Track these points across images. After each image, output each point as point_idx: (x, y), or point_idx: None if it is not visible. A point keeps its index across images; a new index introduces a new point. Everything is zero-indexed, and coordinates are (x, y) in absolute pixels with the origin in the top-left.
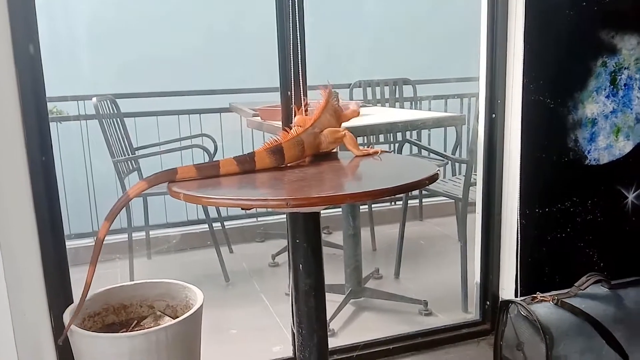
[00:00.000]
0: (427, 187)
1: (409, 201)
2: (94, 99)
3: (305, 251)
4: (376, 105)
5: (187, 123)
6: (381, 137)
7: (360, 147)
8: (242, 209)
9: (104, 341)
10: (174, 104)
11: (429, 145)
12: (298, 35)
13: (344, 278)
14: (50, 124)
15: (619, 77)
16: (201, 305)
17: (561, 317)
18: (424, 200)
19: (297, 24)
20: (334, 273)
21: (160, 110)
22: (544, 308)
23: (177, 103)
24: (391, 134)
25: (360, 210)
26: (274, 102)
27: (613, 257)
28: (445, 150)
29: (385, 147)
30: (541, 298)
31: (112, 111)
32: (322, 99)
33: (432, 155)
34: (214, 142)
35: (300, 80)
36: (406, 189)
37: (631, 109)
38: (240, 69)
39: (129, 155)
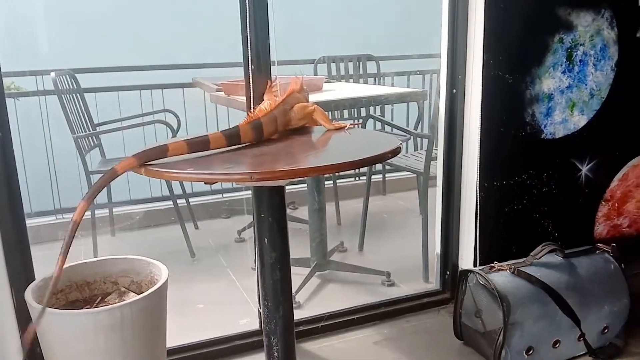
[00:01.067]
0: (390, 161)
1: (373, 176)
2: (53, 74)
3: (271, 225)
4: (340, 81)
5: (149, 98)
6: (345, 113)
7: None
8: (205, 183)
9: (67, 318)
10: (135, 79)
11: (392, 120)
12: (261, 9)
13: (310, 252)
14: (8, 100)
15: (575, 53)
16: (166, 281)
17: (517, 285)
18: (387, 175)
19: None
20: (299, 247)
21: (121, 85)
22: (501, 277)
23: (139, 78)
24: (355, 110)
25: (325, 186)
26: (238, 76)
27: (567, 227)
28: (407, 126)
29: (351, 122)
30: (498, 267)
31: (71, 86)
32: (291, 82)
33: (395, 130)
34: (177, 117)
35: (260, 54)
36: (369, 162)
37: (586, 85)
38: (203, 43)
39: (89, 131)
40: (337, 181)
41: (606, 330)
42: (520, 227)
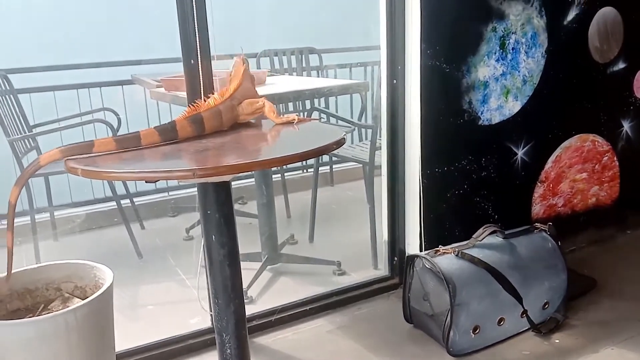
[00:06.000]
0: (336, 153)
1: (321, 168)
2: None
3: (218, 222)
4: (284, 74)
5: (88, 97)
6: (290, 106)
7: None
8: (146, 182)
9: (7, 328)
10: (72, 77)
11: (337, 112)
12: (198, 2)
13: (260, 246)
14: None
15: (508, 42)
16: (111, 284)
17: (462, 267)
18: (334, 166)
19: None
20: (250, 242)
21: (57, 85)
22: (446, 260)
23: (76, 77)
24: (300, 102)
25: (274, 179)
26: (179, 72)
27: (506, 209)
28: (352, 117)
29: (296, 115)
30: (443, 251)
31: (4, 87)
32: (235, 66)
33: (340, 122)
34: (117, 116)
35: (199, 48)
36: (313, 154)
37: (519, 71)
38: (141, 38)
39: (25, 133)
40: (285, 174)
41: (547, 306)
42: (463, 211)
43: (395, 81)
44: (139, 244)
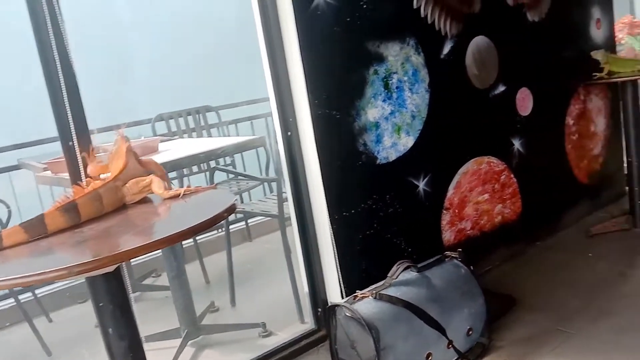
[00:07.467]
0: (244, 209)
1: (237, 224)
2: None
3: (113, 313)
4: (182, 137)
5: None
6: (194, 168)
7: (174, 188)
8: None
9: None
10: None
11: (244, 166)
12: (67, 80)
13: (178, 321)
14: None
15: (391, 82)
16: None
17: (382, 309)
18: (250, 220)
19: (65, 68)
20: (168, 317)
21: None
22: (366, 304)
23: None
24: (205, 163)
25: (185, 245)
26: None
27: (418, 241)
28: (260, 170)
29: (200, 176)
30: (362, 295)
31: None
32: (117, 144)
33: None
34: (7, 206)
35: (74, 128)
36: (203, 227)
37: (406, 108)
38: (25, 122)
39: None
40: (198, 238)
41: (471, 332)
42: (377, 250)
43: (289, 133)
44: (47, 339)
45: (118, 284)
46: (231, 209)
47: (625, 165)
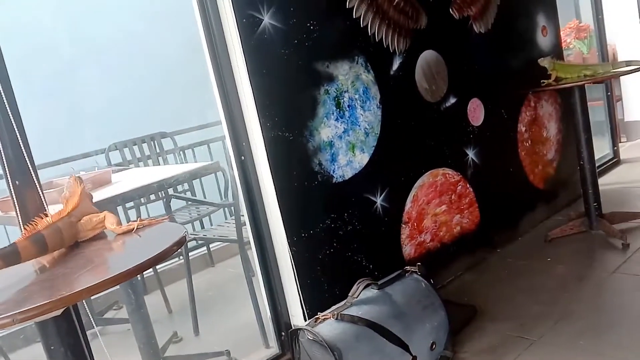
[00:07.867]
0: (203, 235)
1: (198, 250)
2: None
3: (64, 356)
4: (138, 165)
5: None
6: (152, 196)
7: (129, 223)
8: None
9: None
10: None
11: (203, 190)
12: (12, 118)
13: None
14: None
15: (342, 100)
16: None
17: (344, 330)
18: (211, 245)
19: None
20: (131, 351)
21: None
22: (327, 326)
23: None
24: (162, 191)
25: (146, 275)
26: None
27: (378, 257)
28: (220, 194)
29: (158, 203)
30: (323, 317)
31: None
32: (69, 190)
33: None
34: None
35: (22, 167)
36: (152, 263)
37: (359, 126)
38: None
39: None
40: (158, 267)
41: (434, 346)
42: (338, 269)
43: (243, 157)
44: None
45: (69, 326)
46: (181, 242)
47: (578, 168)
